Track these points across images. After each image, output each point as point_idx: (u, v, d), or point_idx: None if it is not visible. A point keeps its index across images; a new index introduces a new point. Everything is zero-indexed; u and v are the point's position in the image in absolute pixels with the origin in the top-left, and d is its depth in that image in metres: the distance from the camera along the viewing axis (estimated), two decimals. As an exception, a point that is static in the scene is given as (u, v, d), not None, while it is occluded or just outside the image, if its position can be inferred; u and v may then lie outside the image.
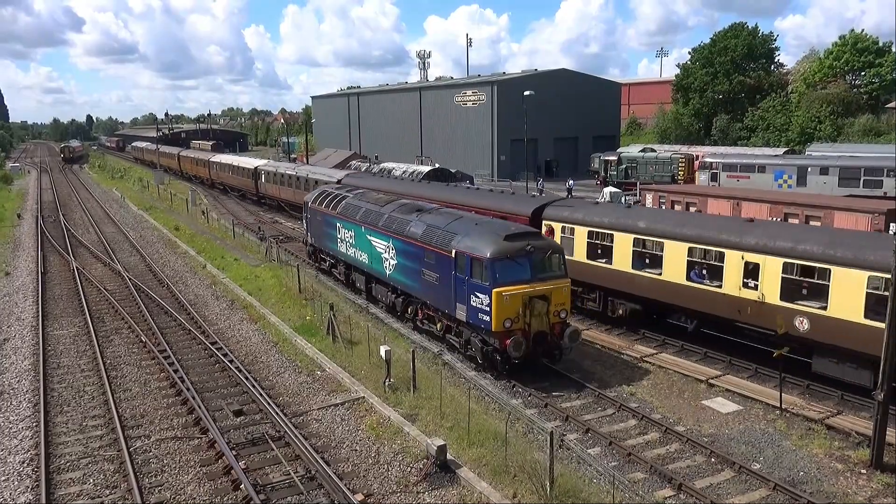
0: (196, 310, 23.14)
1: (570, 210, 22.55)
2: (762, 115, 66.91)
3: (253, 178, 52.06)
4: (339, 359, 17.98)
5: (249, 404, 15.43)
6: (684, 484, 12.30)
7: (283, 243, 35.78)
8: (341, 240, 25.30)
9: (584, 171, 63.56)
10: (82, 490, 12.10)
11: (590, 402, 16.18)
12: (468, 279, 16.99)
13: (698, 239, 18.27)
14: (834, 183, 37.42)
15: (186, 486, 12.19)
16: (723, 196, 31.89)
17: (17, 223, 44.20)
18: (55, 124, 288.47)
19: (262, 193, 51.48)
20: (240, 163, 57.51)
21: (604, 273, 20.63)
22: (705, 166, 45.18)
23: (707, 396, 16.22)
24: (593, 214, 21.69)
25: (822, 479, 12.59)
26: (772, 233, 17.04)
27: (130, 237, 37.66)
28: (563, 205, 23.50)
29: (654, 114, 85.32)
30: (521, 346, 16.24)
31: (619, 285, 20.29)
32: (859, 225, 24.39)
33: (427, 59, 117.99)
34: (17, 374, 17.61)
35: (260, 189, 51.42)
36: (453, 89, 76.82)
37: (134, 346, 19.67)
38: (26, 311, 23.33)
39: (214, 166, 63.26)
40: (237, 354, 18.74)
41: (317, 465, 12.37)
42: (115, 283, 27.32)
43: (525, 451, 12.80)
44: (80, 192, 64.63)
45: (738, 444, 13.91)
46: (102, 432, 14.27)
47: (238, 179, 56.66)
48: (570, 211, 22.45)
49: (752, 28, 71.34)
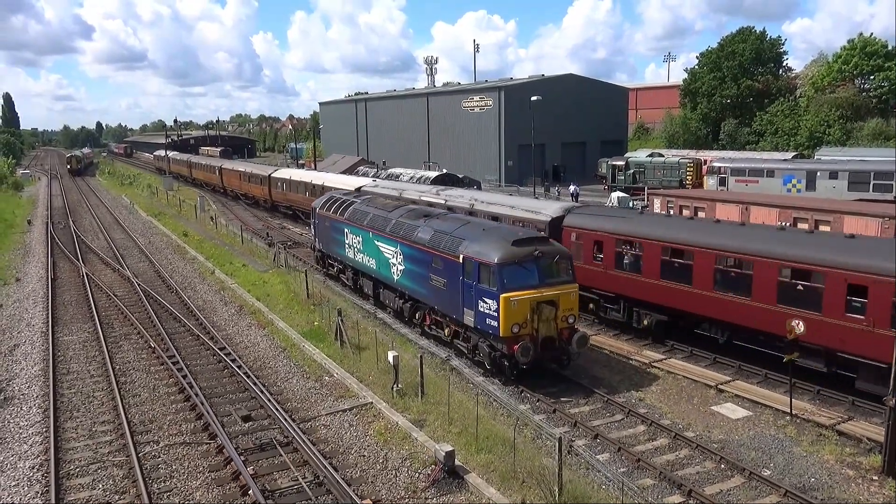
0: (204, 315, 23.22)
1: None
2: (770, 119, 66.68)
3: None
4: (347, 364, 17.98)
5: (258, 410, 15.46)
6: (694, 490, 12.22)
7: (291, 249, 35.88)
8: (349, 245, 25.35)
9: (592, 176, 63.48)
10: (91, 495, 12.13)
11: (598, 407, 16.11)
12: (476, 284, 16.98)
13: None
14: (843, 187, 37.19)
15: (195, 492, 12.21)
16: (731, 201, 31.75)
17: (28, 229, 44.52)
18: (65, 131, 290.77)
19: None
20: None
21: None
22: (713, 171, 44.99)
23: (716, 402, 16.12)
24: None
25: (833, 486, 12.48)
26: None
27: (139, 243, 37.85)
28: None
29: (661, 118, 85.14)
30: (529, 351, 16.20)
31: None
32: (869, 229, 24.22)
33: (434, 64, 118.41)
34: (28, 379, 17.70)
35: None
36: (460, 95, 76.92)
37: (143, 352, 19.75)
38: (36, 317, 23.46)
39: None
40: (245, 360, 18.78)
41: (325, 471, 12.36)
42: (125, 288, 27.45)
43: (533, 456, 12.76)
44: (90, 199, 65.05)
45: (748, 450, 13.82)
46: (111, 438, 14.33)
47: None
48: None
49: (760, 32, 71.25)
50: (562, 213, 22.95)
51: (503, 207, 25.77)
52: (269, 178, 50.61)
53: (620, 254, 20.27)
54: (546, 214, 23.15)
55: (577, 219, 22.22)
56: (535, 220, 23.19)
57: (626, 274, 20.14)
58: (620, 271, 20.27)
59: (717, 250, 17.82)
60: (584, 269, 20.71)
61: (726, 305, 17.51)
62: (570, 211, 23.03)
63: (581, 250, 21.25)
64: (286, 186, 47.44)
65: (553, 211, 23.36)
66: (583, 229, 21.60)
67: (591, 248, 21.13)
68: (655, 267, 19.21)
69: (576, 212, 22.89)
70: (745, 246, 17.27)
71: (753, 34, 70.96)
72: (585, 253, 21.19)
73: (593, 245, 21.06)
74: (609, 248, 20.59)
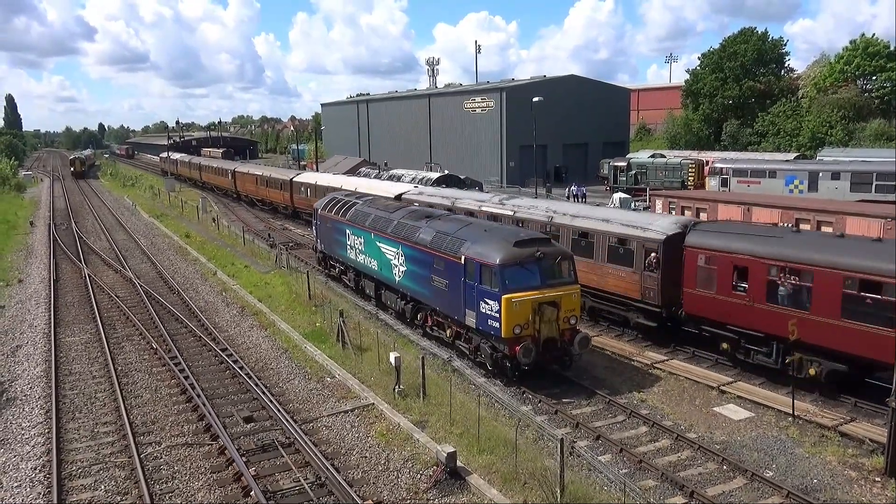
0: (206, 316, 23.23)
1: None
2: (772, 120, 66.63)
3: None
4: (349, 365, 17.99)
5: (259, 411, 15.46)
6: (696, 491, 12.21)
7: (293, 250, 35.89)
8: (351, 246, 25.36)
9: (594, 177, 63.46)
10: (93, 496, 12.15)
11: (600, 408, 16.10)
12: (478, 285, 16.98)
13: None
14: (846, 188, 37.14)
15: (197, 493, 12.21)
16: (734, 201, 31.72)
17: (30, 231, 44.59)
18: (68, 132, 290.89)
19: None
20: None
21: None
22: (715, 172, 44.95)
23: (719, 403, 16.10)
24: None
25: (835, 487, 12.46)
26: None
27: (142, 244, 37.89)
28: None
29: (663, 119, 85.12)
30: (531, 352, 16.20)
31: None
32: (871, 230, 24.18)
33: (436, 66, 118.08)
34: (30, 380, 17.73)
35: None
36: (462, 96, 76.93)
37: (145, 353, 19.76)
38: (38, 318, 23.49)
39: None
40: (247, 361, 18.79)
41: (327, 472, 12.36)
42: (127, 290, 27.48)
43: (535, 458, 12.76)
44: (92, 200, 65.12)
45: (751, 451, 13.80)
46: (113, 439, 14.34)
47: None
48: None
49: (762, 33, 71.20)
50: (680, 229, 18.98)
51: (594, 222, 21.49)
52: (290, 183, 46.89)
53: (775, 283, 16.29)
54: (658, 231, 19.17)
55: (706, 238, 18.17)
56: (641, 237, 19.37)
57: (783, 309, 16.10)
58: (774, 305, 16.24)
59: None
60: (716, 299, 17.49)
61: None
62: (692, 227, 19.04)
63: (712, 277, 17.63)
64: (311, 192, 43.03)
65: (666, 227, 19.28)
66: (717, 251, 17.60)
67: (728, 274, 17.24)
68: (833, 303, 15.15)
69: (702, 228, 19.00)
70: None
71: (755, 35, 70.92)
72: (720, 280, 17.41)
73: (732, 271, 17.17)
74: (758, 276, 16.62)
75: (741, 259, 17.04)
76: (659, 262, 18.85)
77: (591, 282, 20.87)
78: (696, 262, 18.11)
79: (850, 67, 64.80)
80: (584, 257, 20.90)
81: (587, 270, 20.67)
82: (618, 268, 20.21)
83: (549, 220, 23.00)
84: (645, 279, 19.31)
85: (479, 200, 28.11)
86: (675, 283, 18.68)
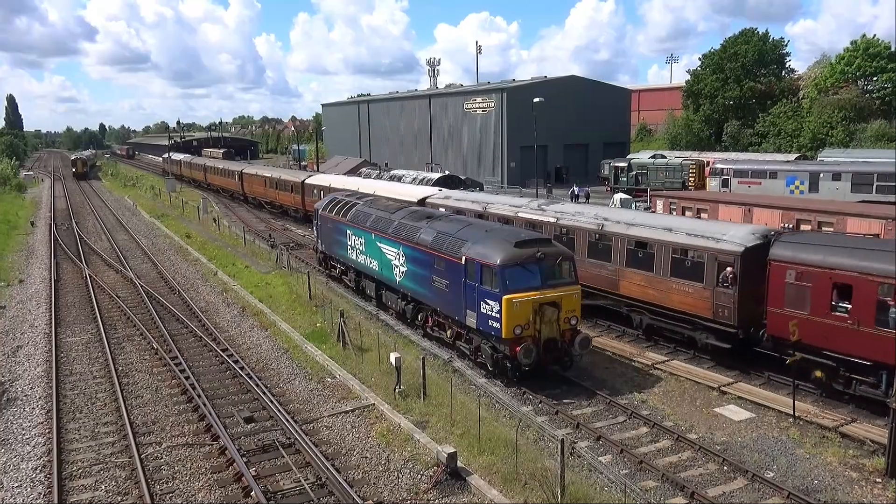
0: (207, 317, 23.24)
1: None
2: (773, 120, 66.62)
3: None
4: (350, 366, 17.99)
5: (260, 411, 15.47)
6: (697, 492, 12.20)
7: (294, 250, 35.91)
8: (351, 247, 25.36)
9: (595, 178, 63.44)
10: (94, 497, 12.15)
11: (601, 409, 16.10)
12: (478, 286, 16.98)
13: None
14: (846, 189, 37.14)
15: (197, 493, 12.22)
16: (734, 202, 31.72)
17: (31, 231, 44.62)
18: (69, 133, 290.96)
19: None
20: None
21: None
22: (716, 172, 44.96)
23: (719, 404, 16.09)
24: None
25: (836, 488, 12.46)
26: None
27: (142, 245, 37.90)
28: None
29: (664, 120, 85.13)
30: (532, 353, 16.20)
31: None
32: (873, 231, 24.18)
33: (437, 66, 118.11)
34: (30, 380, 17.73)
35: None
36: (463, 96, 76.95)
37: (146, 353, 19.77)
38: (39, 318, 23.50)
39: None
40: (248, 361, 18.79)
41: (327, 473, 12.37)
42: (127, 290, 27.49)
43: (536, 458, 12.76)
44: (93, 200, 65.16)
45: (751, 452, 13.79)
46: (114, 439, 14.34)
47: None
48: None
49: (763, 33, 71.21)
50: (759, 240, 17.17)
51: (654, 231, 19.56)
52: (302, 186, 45.21)
53: (885, 304, 14.27)
54: (735, 242, 17.27)
55: (797, 251, 16.05)
56: (714, 249, 17.51)
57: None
58: (885, 329, 14.23)
59: None
60: (809, 321, 15.45)
61: None
62: (775, 238, 17.14)
63: (805, 295, 15.61)
64: (325, 195, 40.21)
65: (743, 237, 17.37)
66: (812, 266, 15.52)
67: (826, 293, 15.25)
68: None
69: (789, 240, 16.96)
70: None
71: (756, 35, 70.91)
72: (816, 299, 15.42)
73: (832, 290, 15.19)
74: (866, 297, 14.57)
75: (843, 276, 14.98)
76: (736, 276, 16.98)
77: (651, 297, 19.34)
78: (785, 277, 16.01)
79: (851, 68, 64.77)
80: (642, 270, 19.48)
81: (645, 284, 19.36)
82: (684, 282, 18.32)
83: (599, 228, 21.08)
84: (718, 296, 17.41)
85: (514, 206, 25.90)
86: (754, 301, 16.87)
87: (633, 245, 19.97)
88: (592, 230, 21.36)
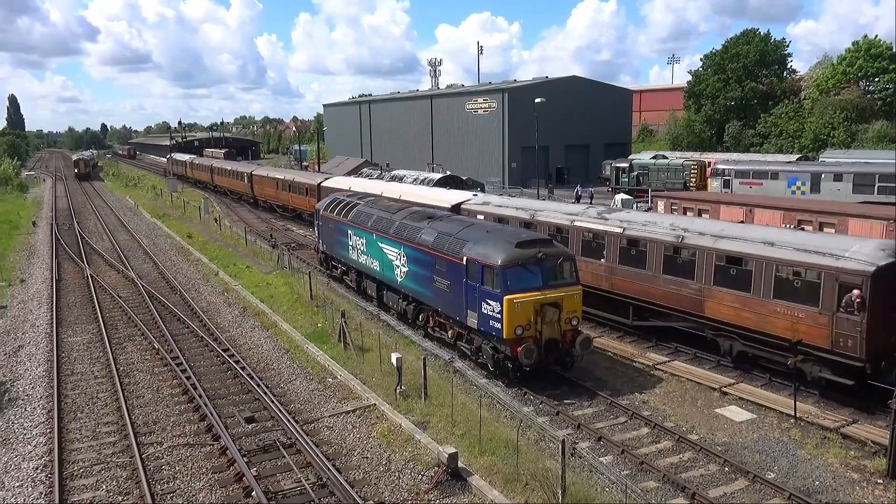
0: (208, 317, 23.26)
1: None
2: (775, 121, 66.61)
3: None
4: (351, 366, 17.99)
5: (261, 411, 15.47)
6: (698, 493, 12.19)
7: (295, 251, 35.91)
8: (353, 247, 25.37)
9: (596, 179, 63.44)
10: (95, 496, 12.16)
11: (602, 409, 16.09)
12: (479, 286, 16.98)
13: None
14: (848, 189, 37.14)
15: (198, 493, 12.22)
16: (736, 203, 31.72)
17: (33, 231, 44.67)
18: (70, 133, 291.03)
19: None
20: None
21: None
22: (717, 173, 44.96)
23: (720, 405, 16.08)
24: None
25: (837, 489, 12.45)
26: None
27: (144, 245, 37.93)
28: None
29: (665, 121, 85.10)
30: (533, 353, 16.19)
31: None
32: (874, 232, 24.15)
33: (438, 66, 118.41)
34: (32, 380, 17.75)
35: None
36: (464, 97, 76.99)
37: (147, 353, 19.78)
38: (41, 318, 23.53)
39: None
40: (249, 361, 18.80)
41: (328, 473, 12.37)
42: (129, 290, 27.51)
43: (537, 459, 12.75)
44: (94, 200, 65.22)
45: (753, 452, 13.78)
46: (115, 439, 14.35)
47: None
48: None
49: (764, 34, 71.20)
50: (893, 257, 14.88)
51: (751, 245, 16.96)
52: (318, 188, 42.55)
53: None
54: (862, 261, 14.78)
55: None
56: (833, 267, 15.00)
57: None
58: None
59: None
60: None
61: None
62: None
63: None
64: None
65: (871, 254, 14.91)
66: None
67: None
68: None
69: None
70: None
71: (758, 36, 70.90)
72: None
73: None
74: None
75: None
76: (864, 301, 14.48)
77: (745, 321, 16.87)
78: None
79: (853, 69, 64.77)
80: (734, 289, 17.02)
81: (738, 306, 16.91)
82: (792, 306, 15.78)
83: (678, 241, 18.64)
84: (839, 323, 14.89)
85: (569, 214, 22.86)
86: (885, 330, 14.74)
87: (724, 261, 17.45)
88: (669, 243, 18.92)
